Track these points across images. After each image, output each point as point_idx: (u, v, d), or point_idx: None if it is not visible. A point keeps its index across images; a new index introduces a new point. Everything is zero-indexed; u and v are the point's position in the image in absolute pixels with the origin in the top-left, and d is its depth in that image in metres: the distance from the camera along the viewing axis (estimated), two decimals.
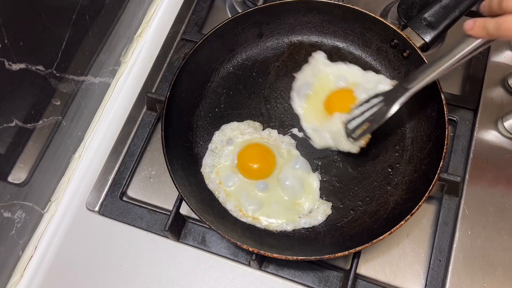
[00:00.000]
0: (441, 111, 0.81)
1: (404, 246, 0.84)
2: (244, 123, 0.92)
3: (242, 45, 0.98)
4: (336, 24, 0.96)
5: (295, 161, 0.88)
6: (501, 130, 0.89)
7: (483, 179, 0.86)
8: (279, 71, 0.97)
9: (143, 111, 0.99)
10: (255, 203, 0.85)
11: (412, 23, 0.88)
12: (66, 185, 0.95)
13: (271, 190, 0.86)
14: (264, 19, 0.96)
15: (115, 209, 0.89)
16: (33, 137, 0.82)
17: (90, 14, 0.88)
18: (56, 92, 0.85)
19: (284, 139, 0.91)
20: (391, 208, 0.82)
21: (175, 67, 1.01)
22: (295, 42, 0.99)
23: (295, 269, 0.82)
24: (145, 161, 0.96)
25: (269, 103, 0.95)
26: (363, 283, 0.80)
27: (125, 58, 1.06)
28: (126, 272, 0.86)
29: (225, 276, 0.84)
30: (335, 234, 0.83)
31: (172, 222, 0.83)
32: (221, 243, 0.85)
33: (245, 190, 0.86)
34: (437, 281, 0.79)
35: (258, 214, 0.84)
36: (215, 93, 0.96)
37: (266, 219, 0.84)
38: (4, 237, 0.81)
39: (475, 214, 0.83)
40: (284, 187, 0.86)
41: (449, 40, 1.01)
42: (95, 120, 1.00)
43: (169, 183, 0.88)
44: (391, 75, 0.94)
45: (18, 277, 0.87)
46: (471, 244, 0.81)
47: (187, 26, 1.07)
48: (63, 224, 0.91)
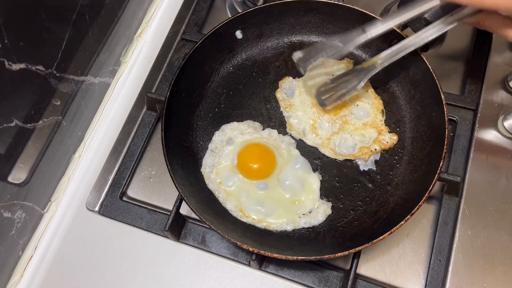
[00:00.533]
0: (441, 111, 0.81)
1: (404, 246, 0.84)
2: (244, 123, 0.92)
3: (242, 45, 0.98)
4: (336, 24, 0.96)
5: (295, 161, 0.88)
6: (501, 130, 0.89)
7: (483, 179, 0.86)
8: (279, 71, 0.97)
9: (143, 111, 0.99)
10: (255, 203, 0.85)
11: (412, 23, 0.88)
12: (66, 185, 0.95)
13: (271, 190, 0.86)
14: (264, 19, 0.96)
15: (115, 209, 0.89)
16: (33, 137, 0.82)
17: (90, 14, 0.88)
18: (56, 92, 0.85)
19: (284, 139, 0.91)
20: (391, 208, 0.82)
21: (175, 67, 1.01)
22: (295, 42, 0.99)
23: (295, 269, 0.82)
24: (145, 161, 0.96)
25: (269, 103, 0.95)
26: (363, 283, 0.80)
27: (125, 58, 1.06)
28: (126, 272, 0.86)
29: (225, 276, 0.84)
30: (335, 234, 0.83)
31: (172, 222, 0.83)
32: (221, 243, 0.85)
33: (245, 190, 0.86)
34: (437, 281, 0.79)
35: (258, 214, 0.84)
36: (215, 93, 0.96)
37: (266, 219, 0.84)
38: (4, 237, 0.81)
39: (475, 214, 0.83)
40: (284, 187, 0.86)
41: (449, 40, 1.01)
42: (95, 120, 1.00)
43: (169, 183, 0.88)
44: (390, 75, 0.94)
45: (18, 277, 0.87)
46: (471, 244, 0.81)
47: (187, 26, 1.07)
48: (63, 224, 0.91)
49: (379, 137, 0.89)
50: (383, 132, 0.89)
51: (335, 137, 0.90)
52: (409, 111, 0.91)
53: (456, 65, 0.99)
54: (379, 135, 0.89)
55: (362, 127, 0.90)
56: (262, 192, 0.85)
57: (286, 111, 0.94)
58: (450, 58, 1.00)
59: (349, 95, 0.89)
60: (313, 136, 0.90)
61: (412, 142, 0.88)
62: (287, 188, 0.85)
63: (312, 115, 0.92)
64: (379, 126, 0.90)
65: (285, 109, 0.94)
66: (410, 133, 0.89)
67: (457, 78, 0.98)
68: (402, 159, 0.87)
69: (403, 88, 0.92)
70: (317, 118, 0.91)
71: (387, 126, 0.90)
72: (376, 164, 0.88)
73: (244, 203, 0.85)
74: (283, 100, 0.94)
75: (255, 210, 0.84)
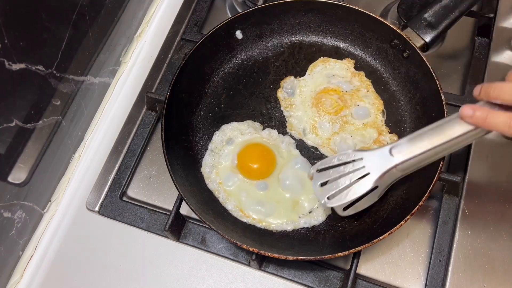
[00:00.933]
0: (441, 111, 0.81)
1: (404, 246, 0.84)
2: (244, 123, 0.92)
3: (242, 45, 0.98)
4: (336, 24, 0.96)
5: (295, 161, 0.88)
6: None
7: (483, 179, 0.86)
8: (279, 71, 0.97)
9: (143, 111, 0.99)
10: (255, 203, 0.85)
11: (412, 23, 0.88)
12: (66, 185, 0.95)
13: (271, 189, 0.86)
14: (264, 19, 0.96)
15: (115, 209, 0.89)
16: (33, 137, 0.82)
17: (90, 14, 0.88)
18: (56, 92, 0.85)
19: (284, 139, 0.91)
20: (391, 208, 0.82)
21: (175, 67, 1.01)
22: (295, 42, 0.99)
23: (295, 269, 0.82)
24: (145, 161, 0.96)
25: (269, 103, 0.95)
26: (363, 283, 0.80)
27: (125, 58, 1.06)
28: (126, 272, 0.86)
29: (225, 276, 0.84)
30: (335, 234, 0.83)
31: (172, 222, 0.83)
32: (221, 243, 0.85)
33: (245, 190, 0.86)
34: (437, 281, 0.79)
35: (258, 214, 0.84)
36: (215, 93, 0.96)
37: (266, 219, 0.84)
38: (4, 237, 0.81)
39: (475, 214, 0.83)
40: (284, 187, 0.86)
41: (449, 40, 1.01)
42: (95, 120, 1.00)
43: (169, 183, 0.88)
44: (391, 75, 0.94)
45: (18, 277, 0.87)
46: (471, 244, 0.81)
47: (187, 26, 1.07)
48: (63, 224, 0.91)
49: (379, 137, 0.89)
50: (384, 133, 0.89)
51: (336, 137, 0.90)
52: (409, 111, 0.91)
53: (456, 65, 0.99)
54: (380, 136, 0.89)
55: (362, 127, 0.90)
56: (262, 192, 0.85)
57: (286, 111, 0.94)
58: (450, 58, 1.00)
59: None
60: (313, 136, 0.90)
61: None
62: (287, 188, 0.85)
63: (312, 115, 0.92)
64: (379, 127, 0.90)
65: (286, 109, 0.94)
66: (411, 133, 0.89)
67: (457, 78, 0.98)
68: None
69: (403, 88, 0.92)
70: (317, 118, 0.91)
71: (387, 126, 0.90)
72: None
73: (244, 203, 0.85)
74: (284, 99, 0.94)
75: (255, 210, 0.84)
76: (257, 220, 0.84)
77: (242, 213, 0.84)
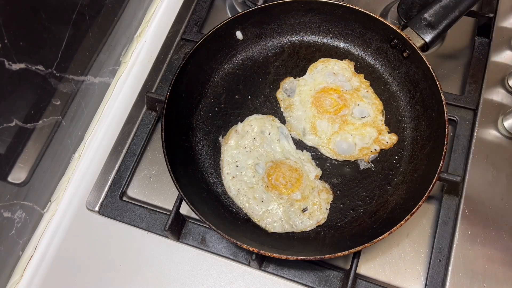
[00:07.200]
0: (441, 111, 0.82)
1: (404, 246, 0.84)
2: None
3: (242, 45, 0.98)
4: (336, 24, 0.96)
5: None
6: (501, 130, 0.89)
7: (483, 179, 0.86)
8: (279, 71, 0.97)
9: (143, 111, 0.99)
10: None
11: (412, 23, 0.88)
12: (66, 185, 0.95)
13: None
14: (264, 19, 0.96)
15: (115, 209, 0.89)
16: (33, 137, 0.82)
17: (90, 14, 0.88)
18: (56, 92, 0.85)
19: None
20: (391, 208, 0.82)
21: (175, 67, 1.01)
22: (295, 42, 0.99)
23: (295, 269, 0.82)
24: (145, 161, 0.96)
25: (270, 103, 0.95)
26: (363, 283, 0.80)
27: (125, 58, 1.06)
28: (126, 272, 0.86)
29: (225, 276, 0.84)
30: (335, 234, 0.83)
31: (172, 222, 0.83)
32: (221, 243, 0.85)
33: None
34: (437, 281, 0.79)
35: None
36: (215, 93, 0.96)
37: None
38: (4, 237, 0.81)
39: (475, 214, 0.83)
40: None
41: (449, 40, 1.01)
42: (95, 120, 1.00)
43: (169, 183, 0.88)
44: (390, 75, 0.94)
45: (18, 277, 0.87)
46: (471, 244, 0.81)
47: (187, 26, 1.07)
48: (63, 224, 0.91)
49: (379, 137, 0.89)
50: (383, 132, 0.89)
51: (335, 137, 0.90)
52: (409, 111, 0.91)
53: (456, 65, 0.99)
54: (379, 135, 0.89)
55: (362, 127, 0.90)
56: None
57: (286, 111, 0.94)
58: (450, 58, 1.00)
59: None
60: (313, 137, 0.90)
61: (412, 142, 0.88)
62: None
63: (312, 114, 0.92)
64: (379, 126, 0.90)
65: (285, 109, 0.94)
66: (410, 133, 0.89)
67: (457, 78, 0.98)
68: (402, 159, 0.87)
69: (403, 87, 0.92)
70: (317, 118, 0.91)
71: (387, 126, 0.90)
72: (376, 164, 0.88)
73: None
74: (283, 100, 0.94)
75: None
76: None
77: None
